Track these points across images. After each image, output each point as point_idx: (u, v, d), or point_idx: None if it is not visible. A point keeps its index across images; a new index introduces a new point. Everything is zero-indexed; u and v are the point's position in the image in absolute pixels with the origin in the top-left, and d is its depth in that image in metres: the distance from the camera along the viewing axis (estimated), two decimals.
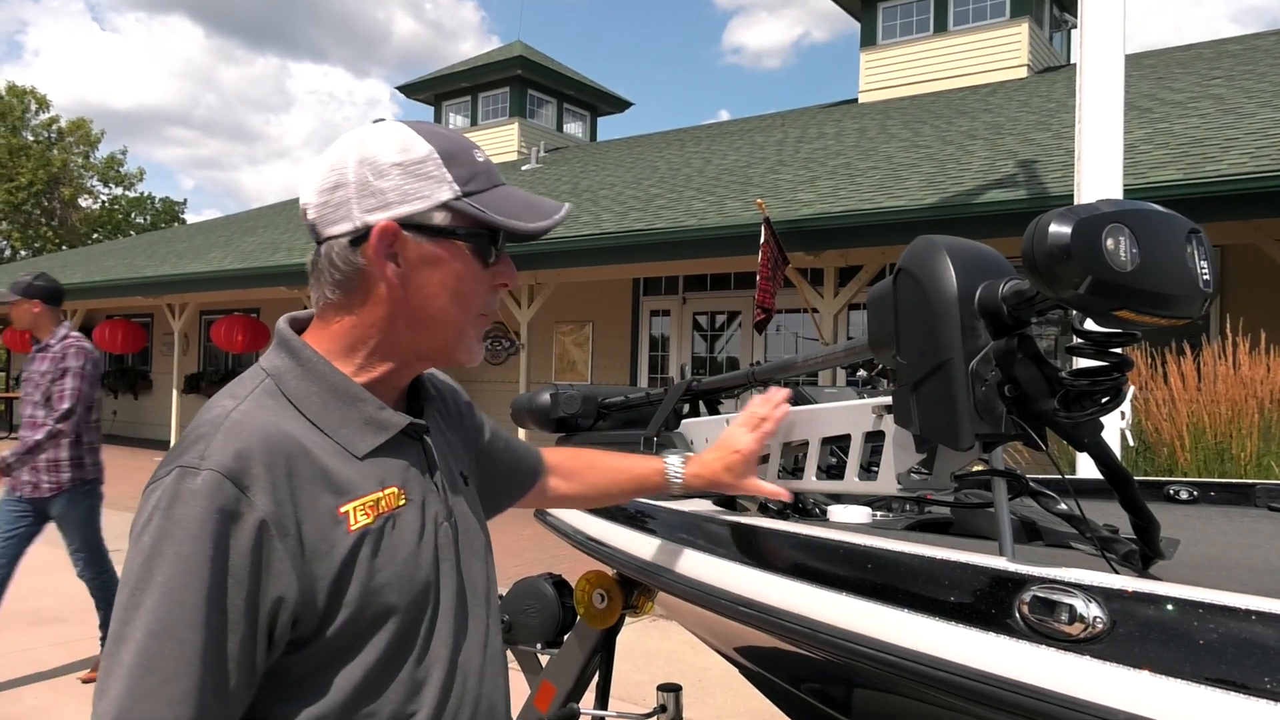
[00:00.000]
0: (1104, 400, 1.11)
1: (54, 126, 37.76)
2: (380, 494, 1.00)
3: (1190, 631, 0.93)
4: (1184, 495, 2.23)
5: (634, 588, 2.18)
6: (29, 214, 35.95)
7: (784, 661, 1.81)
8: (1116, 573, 1.14)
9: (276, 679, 0.94)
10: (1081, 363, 1.19)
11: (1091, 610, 0.99)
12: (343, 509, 0.96)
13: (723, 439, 1.49)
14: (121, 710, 0.83)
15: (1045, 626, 1.02)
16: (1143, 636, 0.95)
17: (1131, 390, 4.89)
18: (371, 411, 1.02)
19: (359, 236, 0.99)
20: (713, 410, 2.08)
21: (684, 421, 1.93)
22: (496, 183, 1.04)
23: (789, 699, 2.05)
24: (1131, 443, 5.20)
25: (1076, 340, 1.11)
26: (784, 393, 1.50)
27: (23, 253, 35.30)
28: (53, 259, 23.42)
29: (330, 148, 1.04)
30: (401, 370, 1.07)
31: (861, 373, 2.50)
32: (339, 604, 0.94)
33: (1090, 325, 1.08)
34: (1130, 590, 0.99)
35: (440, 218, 1.00)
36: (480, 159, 1.04)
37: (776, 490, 1.46)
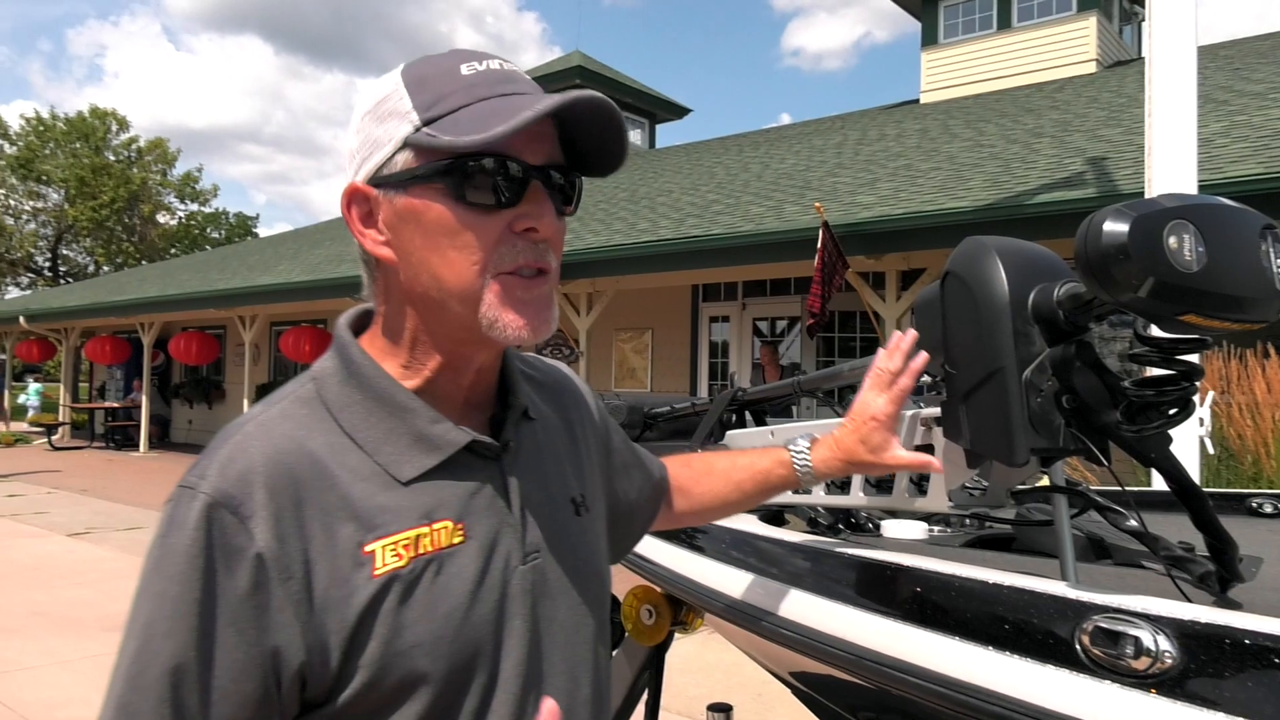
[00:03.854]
0: (1172, 412, 1.03)
1: (133, 146, 39.25)
2: (423, 530, 0.80)
3: (1271, 669, 0.85)
4: (1269, 509, 2.09)
5: (683, 604, 2.12)
6: (111, 230, 37.40)
7: (838, 688, 1.74)
8: (1188, 599, 1.05)
9: None
10: (1148, 371, 1.10)
11: (1159, 643, 0.90)
12: (368, 547, 0.78)
13: (855, 408, 1.19)
14: None
15: (1108, 660, 0.94)
16: (1216, 674, 0.87)
17: (1211, 395, 4.67)
18: (422, 426, 0.84)
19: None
20: (759, 421, 2.02)
21: (729, 433, 1.87)
22: (478, 97, 0.80)
23: None
24: (1212, 450, 4.97)
25: (1140, 347, 1.02)
26: (910, 336, 1.18)
27: (105, 268, 36.69)
28: (132, 273, 24.28)
29: None
30: (456, 364, 0.86)
31: (925, 378, 2.41)
32: (355, 665, 0.76)
33: (1155, 330, 1.00)
34: (1203, 621, 0.91)
35: (403, 160, 0.81)
36: (466, 72, 0.81)
37: (923, 459, 1.17)
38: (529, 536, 0.88)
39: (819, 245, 6.87)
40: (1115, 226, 0.85)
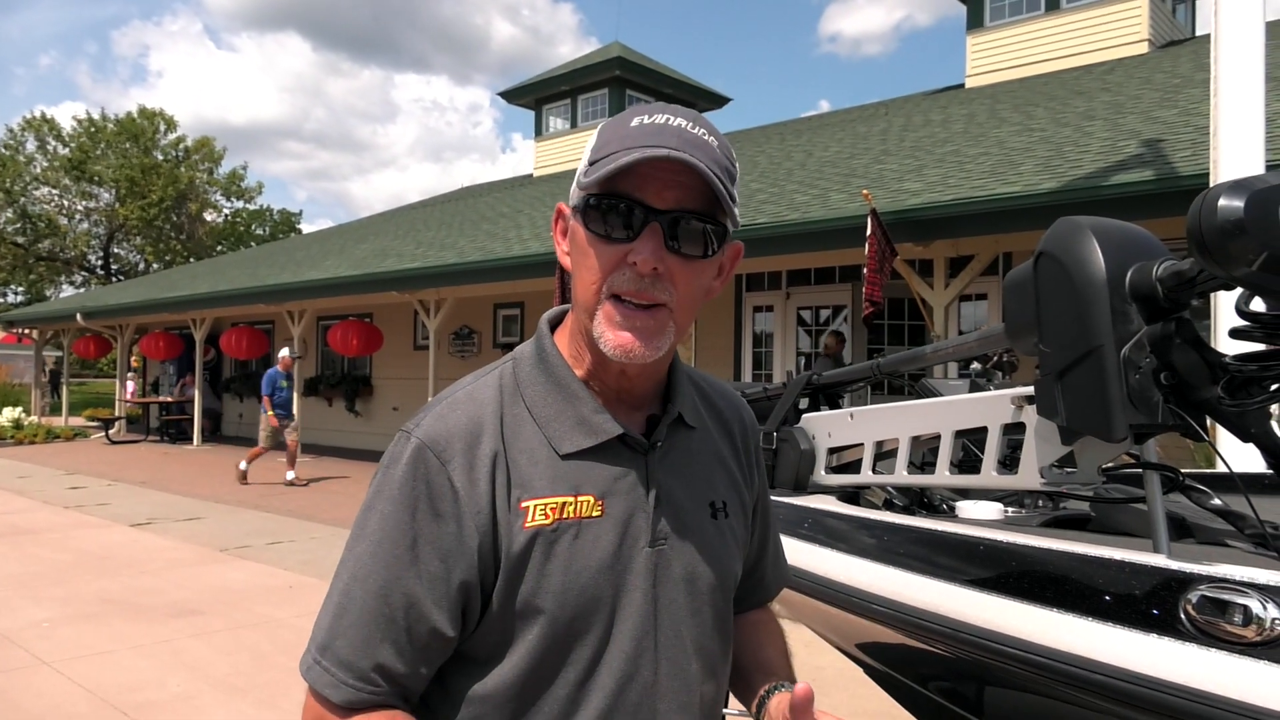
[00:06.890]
0: (1274, 387, 1.04)
1: (181, 145, 39.98)
2: (569, 499, 0.95)
3: None
4: None
5: None
6: (160, 229, 38.13)
7: (911, 659, 1.76)
8: None
9: (457, 655, 0.97)
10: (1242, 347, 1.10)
11: (1269, 611, 0.92)
12: (525, 503, 0.94)
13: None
14: (322, 640, 0.94)
15: (1215, 628, 0.96)
16: None
17: None
18: (586, 412, 0.98)
19: None
20: (833, 404, 2.04)
21: (805, 416, 1.90)
22: (624, 147, 0.91)
23: (914, 698, 1.99)
24: None
25: (1242, 322, 1.04)
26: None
27: (155, 265, 37.46)
28: (183, 270, 24.76)
29: None
30: (601, 360, 0.98)
31: (975, 365, 2.41)
32: (500, 597, 0.93)
33: (1258, 305, 1.01)
34: None
35: (575, 195, 0.98)
36: (633, 124, 0.94)
37: None
38: (659, 525, 1.00)
39: (869, 233, 6.83)
40: (1231, 202, 0.86)
